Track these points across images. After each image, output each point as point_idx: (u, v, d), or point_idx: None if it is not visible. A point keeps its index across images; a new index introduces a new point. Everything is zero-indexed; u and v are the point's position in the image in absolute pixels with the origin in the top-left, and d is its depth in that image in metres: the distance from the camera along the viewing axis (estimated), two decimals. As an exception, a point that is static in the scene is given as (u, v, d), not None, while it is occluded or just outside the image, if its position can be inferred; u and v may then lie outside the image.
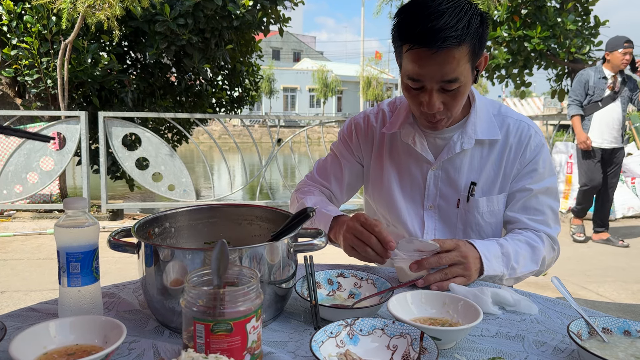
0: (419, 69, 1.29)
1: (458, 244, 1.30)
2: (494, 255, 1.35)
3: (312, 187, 1.71)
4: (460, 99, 1.36)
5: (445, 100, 1.34)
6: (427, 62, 1.26)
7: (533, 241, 1.44)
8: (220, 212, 1.33)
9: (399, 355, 0.91)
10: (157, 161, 6.24)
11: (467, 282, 1.28)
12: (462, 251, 1.28)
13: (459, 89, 1.32)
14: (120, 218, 6.48)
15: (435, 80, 1.29)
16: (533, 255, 1.42)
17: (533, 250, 1.43)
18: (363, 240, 1.30)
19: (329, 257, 1.94)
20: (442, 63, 1.25)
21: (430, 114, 1.36)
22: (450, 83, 1.29)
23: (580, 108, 5.37)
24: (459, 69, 1.27)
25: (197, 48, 6.89)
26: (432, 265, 1.25)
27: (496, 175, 1.49)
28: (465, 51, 1.26)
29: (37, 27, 6.15)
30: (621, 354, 0.92)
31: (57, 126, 6.01)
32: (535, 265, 1.43)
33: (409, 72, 1.32)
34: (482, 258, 1.31)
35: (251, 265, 1.01)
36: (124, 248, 1.09)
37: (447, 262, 1.26)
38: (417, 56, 1.27)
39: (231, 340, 0.82)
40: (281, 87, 45.66)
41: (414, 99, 1.38)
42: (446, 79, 1.28)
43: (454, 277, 1.26)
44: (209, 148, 16.98)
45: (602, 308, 3.56)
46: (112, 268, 4.19)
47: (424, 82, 1.31)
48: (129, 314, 1.11)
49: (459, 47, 1.24)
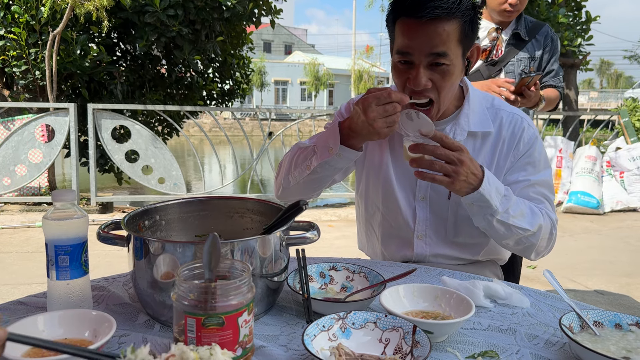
0: (408, 41, 1.30)
1: (463, 149, 1.27)
2: (496, 188, 1.33)
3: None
4: (449, 80, 1.34)
5: (433, 78, 1.33)
6: (417, 34, 1.28)
7: (536, 208, 1.43)
8: (212, 205, 1.32)
9: (391, 348, 0.91)
10: (147, 154, 6.19)
11: (450, 187, 1.28)
12: (462, 157, 1.26)
13: (448, 68, 1.32)
14: (110, 211, 6.43)
15: (424, 52, 1.29)
16: (531, 217, 1.40)
17: (532, 213, 1.41)
18: (384, 100, 1.25)
19: (321, 250, 1.94)
20: (431, 35, 1.27)
21: (417, 91, 1.34)
22: (439, 57, 1.29)
23: None
24: (448, 44, 1.28)
25: (188, 40, 6.83)
26: (427, 152, 1.25)
27: (488, 168, 1.48)
28: (455, 27, 1.28)
29: (25, 17, 6.06)
30: (612, 347, 0.92)
31: (45, 118, 5.94)
32: (529, 226, 1.38)
33: (398, 45, 1.33)
34: (485, 179, 1.29)
35: (243, 258, 1.00)
36: (114, 241, 1.08)
37: (442, 153, 1.25)
38: (407, 27, 1.29)
39: (223, 334, 0.81)
40: (272, 80, 45.49)
41: (401, 77, 1.36)
42: (435, 51, 1.28)
43: (440, 172, 1.26)
44: (199, 141, 16.90)
45: (590, 301, 3.60)
46: (102, 261, 4.16)
47: (412, 55, 1.31)
48: (118, 308, 1.10)
49: (448, 21, 1.26)
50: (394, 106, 1.26)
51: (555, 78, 2.79)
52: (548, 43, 2.69)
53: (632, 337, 0.96)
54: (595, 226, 6.12)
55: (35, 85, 6.52)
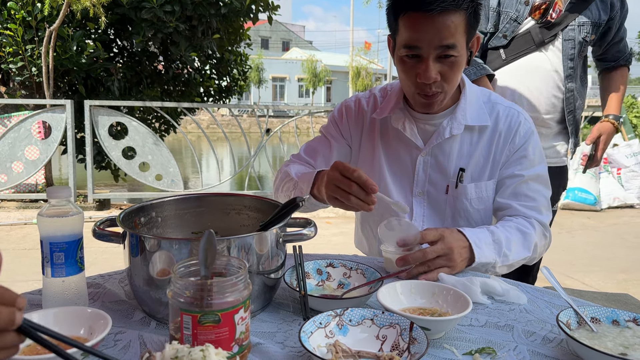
0: (416, 34, 1.28)
1: (443, 234, 1.28)
2: (485, 242, 1.33)
3: (296, 163, 1.67)
4: (457, 71, 1.35)
5: (442, 71, 1.32)
6: (424, 27, 1.26)
7: (524, 227, 1.43)
8: (208, 201, 1.31)
9: (388, 345, 0.91)
10: (144, 151, 6.18)
11: (453, 272, 1.27)
12: (446, 242, 1.26)
13: (456, 60, 1.31)
14: (107, 208, 6.42)
15: (433, 45, 1.28)
16: (524, 242, 1.41)
17: (524, 237, 1.42)
18: (344, 188, 1.20)
19: (318, 247, 1.93)
20: (439, 27, 1.25)
21: (427, 85, 1.34)
22: (449, 49, 1.29)
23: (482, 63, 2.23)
24: (457, 35, 1.27)
25: (184, 36, 6.80)
26: (417, 261, 1.24)
27: (485, 162, 1.49)
28: (461, 18, 1.27)
29: (21, 13, 6.04)
30: (609, 344, 0.92)
31: (42, 115, 5.92)
32: (527, 252, 1.41)
33: (405, 39, 1.31)
34: (473, 246, 1.30)
35: (239, 255, 1.00)
36: (109, 238, 1.07)
37: (432, 255, 1.25)
38: (415, 21, 1.27)
39: (219, 331, 0.81)
40: (270, 76, 45.42)
41: (409, 72, 1.36)
42: (444, 43, 1.27)
43: (437, 268, 1.25)
44: (197, 138, 16.88)
45: (588, 297, 3.60)
46: (99, 258, 4.16)
47: (421, 48, 1.30)
48: (114, 305, 1.10)
49: (456, 13, 1.25)
50: (360, 206, 1.21)
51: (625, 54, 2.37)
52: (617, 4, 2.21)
53: (630, 333, 0.96)
54: (592, 223, 6.14)
55: (31, 81, 6.50)
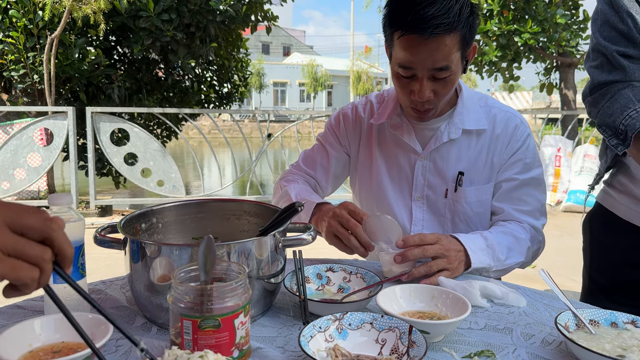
0: (410, 56, 1.29)
1: (439, 237, 1.29)
2: (479, 247, 1.35)
3: (296, 175, 1.70)
4: (450, 88, 1.37)
5: (435, 89, 1.34)
6: (419, 49, 1.27)
7: (517, 232, 1.45)
8: (208, 207, 1.32)
9: (387, 349, 0.91)
10: (145, 157, 6.20)
11: (453, 275, 1.28)
12: (443, 244, 1.28)
13: (450, 77, 1.33)
14: (110, 214, 6.43)
15: (427, 67, 1.30)
16: (518, 247, 1.43)
17: (517, 242, 1.43)
18: (349, 228, 1.29)
19: (318, 251, 1.94)
20: (433, 50, 1.26)
21: (420, 102, 1.36)
22: (442, 71, 1.30)
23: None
24: (450, 56, 1.28)
25: (183, 44, 6.83)
26: (416, 257, 1.25)
27: (483, 165, 1.50)
28: (456, 39, 1.27)
29: (23, 21, 6.07)
30: (608, 346, 0.92)
31: (44, 122, 5.95)
32: (520, 257, 1.43)
33: (401, 59, 1.32)
34: (468, 250, 1.31)
35: (239, 260, 1.01)
36: (110, 244, 1.08)
37: (431, 254, 1.26)
38: (409, 43, 1.28)
39: (219, 336, 0.82)
40: (271, 81, 45.50)
41: (404, 88, 1.38)
42: (437, 66, 1.29)
43: (438, 270, 1.26)
44: (198, 143, 16.89)
45: (590, 300, 3.59)
46: (102, 264, 4.16)
47: (415, 69, 1.31)
48: (116, 311, 1.11)
49: (450, 35, 1.26)
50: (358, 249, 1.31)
51: None
52: None
53: (628, 335, 0.96)
54: (594, 225, 6.10)
55: (33, 89, 6.53)
